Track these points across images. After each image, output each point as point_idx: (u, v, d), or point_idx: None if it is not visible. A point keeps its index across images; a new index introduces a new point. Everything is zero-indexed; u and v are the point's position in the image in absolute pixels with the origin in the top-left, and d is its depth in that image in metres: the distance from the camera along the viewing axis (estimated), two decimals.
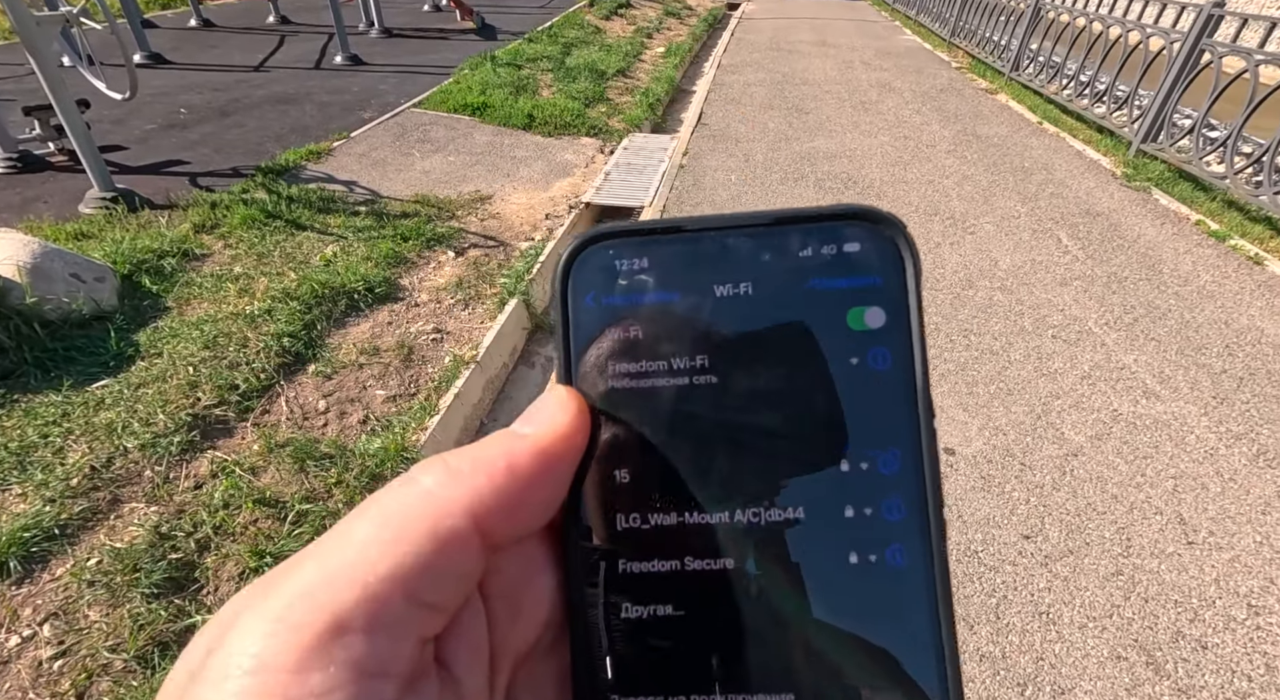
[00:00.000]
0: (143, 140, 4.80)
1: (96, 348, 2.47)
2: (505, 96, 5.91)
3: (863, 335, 0.24)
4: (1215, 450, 2.45)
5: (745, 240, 0.25)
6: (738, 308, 0.24)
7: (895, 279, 0.24)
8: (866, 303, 0.24)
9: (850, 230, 0.25)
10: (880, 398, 0.24)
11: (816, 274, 0.24)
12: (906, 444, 0.23)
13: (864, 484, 0.23)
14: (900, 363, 0.24)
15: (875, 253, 0.24)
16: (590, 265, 0.26)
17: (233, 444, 2.18)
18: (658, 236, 0.26)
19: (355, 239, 3.53)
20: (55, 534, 1.79)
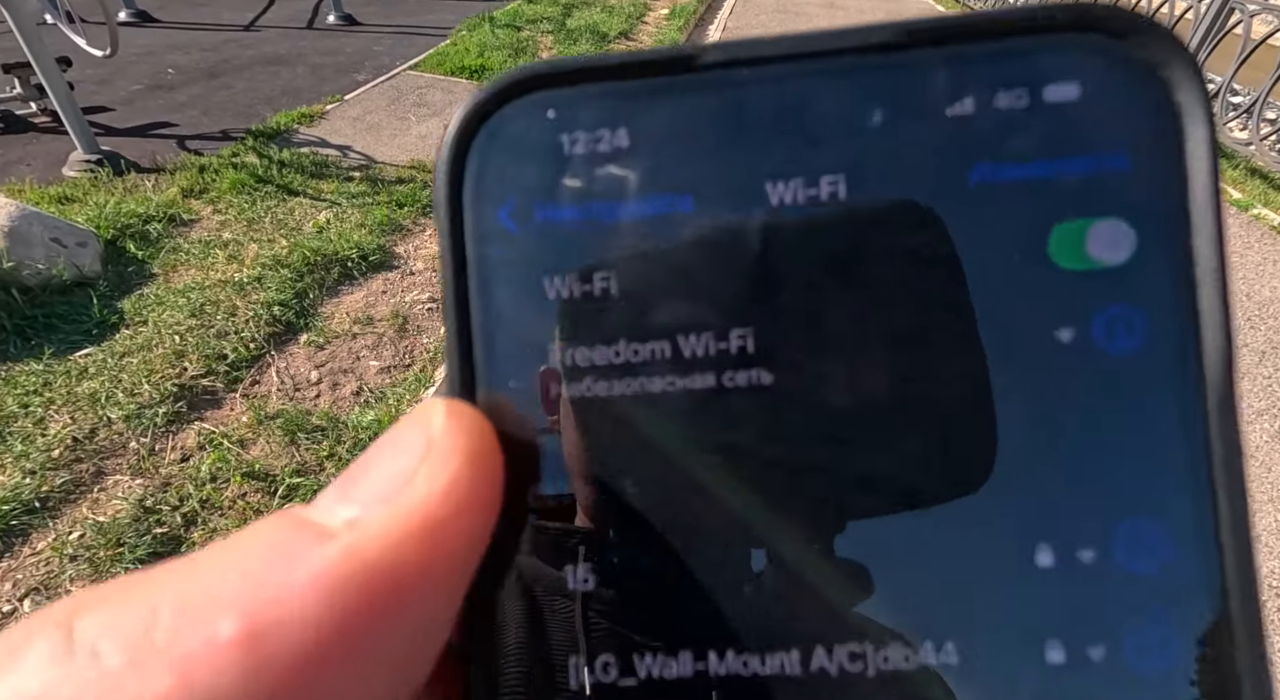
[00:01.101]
0: (129, 101, 4.65)
1: (79, 315, 2.39)
2: (504, 59, 5.72)
3: (1084, 280, 0.12)
4: None
5: (829, 87, 0.12)
6: (814, 231, 0.12)
7: (1162, 158, 0.12)
8: (1095, 212, 0.12)
9: (1061, 56, 0.12)
10: (1124, 410, 0.12)
11: (985, 153, 0.12)
12: (1181, 512, 0.12)
13: (1092, 591, 0.12)
14: (1166, 340, 0.12)
15: (1117, 103, 0.12)
16: (511, 143, 0.13)
17: (221, 415, 2.11)
18: (648, 79, 0.13)
19: (349, 205, 3.41)
20: (36, 507, 1.73)
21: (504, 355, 0.13)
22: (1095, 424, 0.12)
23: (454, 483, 0.11)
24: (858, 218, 0.12)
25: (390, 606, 0.10)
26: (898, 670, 0.12)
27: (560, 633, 0.13)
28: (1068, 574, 0.12)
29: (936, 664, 0.12)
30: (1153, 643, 0.12)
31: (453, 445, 0.12)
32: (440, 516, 0.11)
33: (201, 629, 0.09)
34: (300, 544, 0.10)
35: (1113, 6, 0.12)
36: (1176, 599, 0.12)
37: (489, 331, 0.13)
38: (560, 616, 0.13)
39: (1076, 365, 0.12)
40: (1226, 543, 0.12)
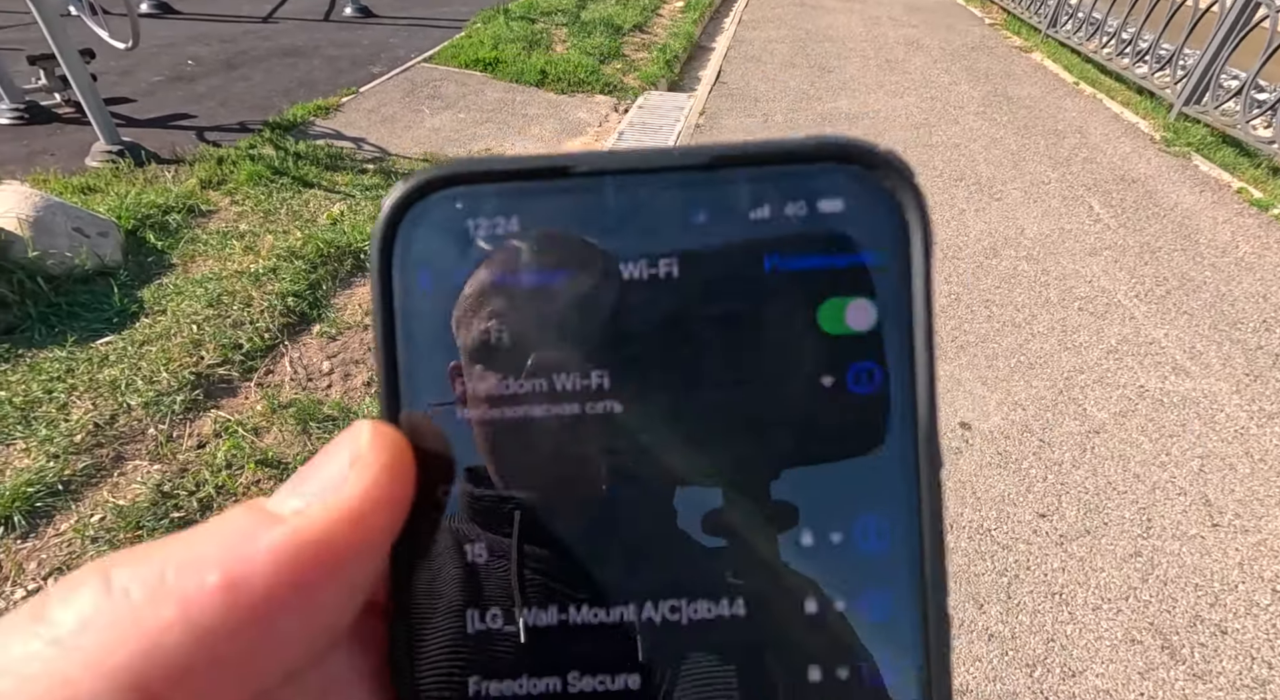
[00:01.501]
0: (150, 92, 4.72)
1: (100, 303, 2.45)
2: (518, 52, 5.73)
3: (841, 342, 0.16)
4: (1246, 429, 2.36)
5: (668, 193, 0.17)
6: (655, 298, 0.17)
7: (895, 257, 0.16)
8: (850, 292, 0.16)
9: (828, 180, 0.16)
10: (864, 436, 0.17)
11: (776, 247, 0.16)
12: (899, 508, 0.16)
13: (836, 566, 0.16)
14: (896, 385, 0.17)
15: (866, 215, 0.16)
16: (429, 226, 0.17)
17: (236, 404, 2.16)
18: (533, 181, 0.17)
19: (362, 197, 3.45)
20: (59, 489, 1.79)
21: (421, 386, 0.18)
22: (848, 442, 0.17)
23: (372, 485, 0.15)
24: (685, 290, 0.17)
25: (321, 571, 0.14)
26: (709, 617, 0.17)
27: (460, 593, 0.17)
28: (823, 550, 0.17)
29: (729, 614, 0.17)
30: (880, 602, 0.17)
31: (374, 458, 0.16)
32: (361, 510, 0.15)
33: (195, 578, 0.13)
34: (260, 524, 0.15)
35: (866, 145, 0.17)
36: (896, 569, 0.17)
37: (410, 369, 0.18)
38: (460, 582, 0.17)
39: (835, 401, 0.17)
40: (925, 528, 0.17)
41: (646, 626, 0.17)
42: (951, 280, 3.16)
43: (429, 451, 0.17)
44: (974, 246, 3.46)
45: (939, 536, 0.17)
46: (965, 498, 2.08)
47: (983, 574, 1.86)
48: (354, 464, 0.16)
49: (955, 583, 1.84)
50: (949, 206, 3.85)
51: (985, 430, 2.34)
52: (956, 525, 2.00)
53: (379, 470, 0.16)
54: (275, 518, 0.15)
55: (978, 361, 2.66)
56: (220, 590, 0.13)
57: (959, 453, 2.24)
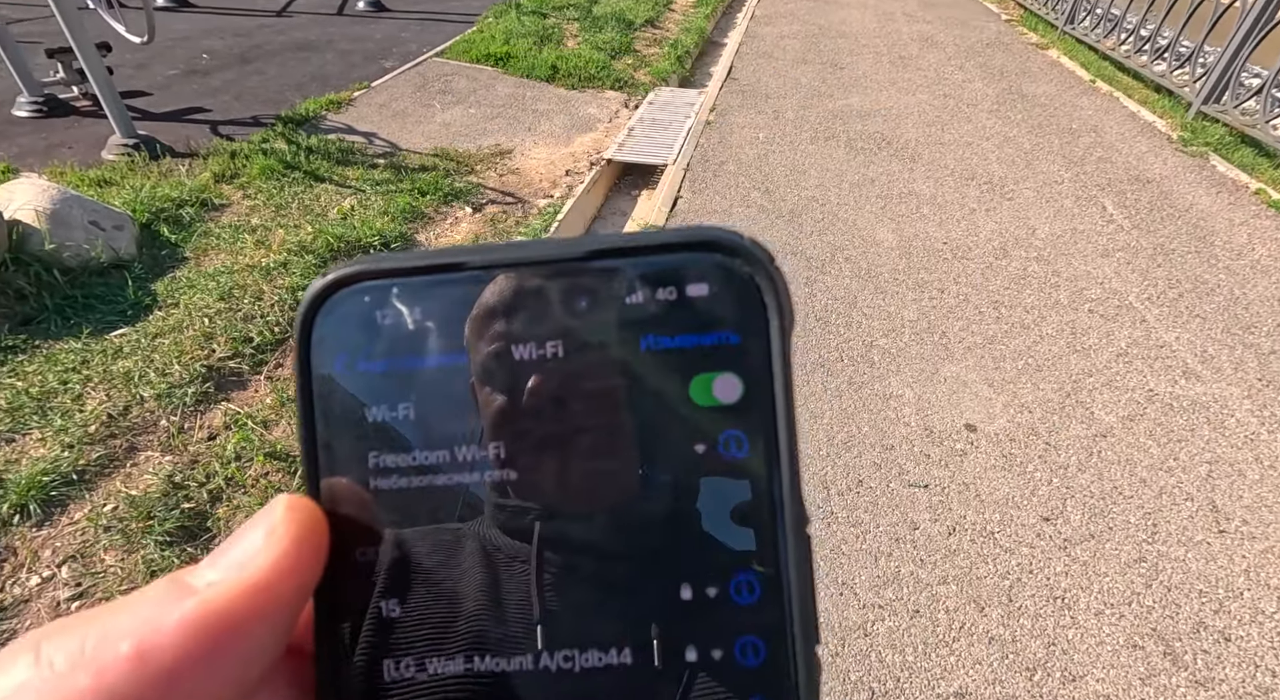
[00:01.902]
0: (165, 86, 4.76)
1: (115, 296, 2.49)
2: (529, 47, 5.73)
3: (712, 413, 0.18)
4: (1256, 435, 2.34)
5: (552, 282, 0.19)
6: (544, 376, 0.19)
7: (756, 335, 0.18)
8: (717, 368, 0.18)
9: (694, 267, 0.18)
10: (733, 497, 0.18)
11: (649, 329, 0.18)
12: (767, 561, 0.18)
13: (713, 617, 0.18)
14: (761, 450, 0.18)
15: (729, 298, 0.18)
16: (341, 317, 0.19)
17: (246, 397, 2.20)
18: (433, 275, 0.19)
19: (373, 192, 3.48)
20: (73, 479, 1.82)
21: (337, 457, 0.20)
22: (720, 500, 0.18)
23: (281, 556, 0.17)
24: (570, 369, 0.19)
25: (226, 637, 0.16)
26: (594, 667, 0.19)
27: (377, 642, 0.19)
28: (702, 604, 0.18)
29: (617, 662, 0.18)
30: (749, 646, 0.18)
31: (284, 532, 0.18)
32: (268, 580, 0.17)
33: (110, 648, 0.15)
34: (175, 597, 0.16)
35: (729, 234, 0.18)
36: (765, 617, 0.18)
37: (327, 442, 0.20)
38: (376, 633, 0.19)
39: (707, 466, 0.18)
40: (791, 576, 0.18)
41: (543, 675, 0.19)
42: (960, 281, 3.14)
43: (347, 517, 0.19)
44: (984, 247, 3.43)
45: (807, 586, 0.18)
46: (969, 500, 2.08)
47: (985, 577, 1.86)
48: (268, 536, 0.18)
49: (958, 584, 1.84)
50: (959, 206, 3.82)
51: (990, 432, 2.33)
52: (959, 527, 1.99)
53: (289, 542, 0.18)
54: (189, 589, 0.17)
55: (985, 363, 2.65)
56: (131, 659, 0.15)
57: (963, 455, 2.23)
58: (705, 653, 0.18)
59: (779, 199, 3.86)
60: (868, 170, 4.22)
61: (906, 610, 1.78)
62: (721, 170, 4.16)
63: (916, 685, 1.62)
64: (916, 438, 2.29)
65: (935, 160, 4.39)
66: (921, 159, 4.40)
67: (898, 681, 1.63)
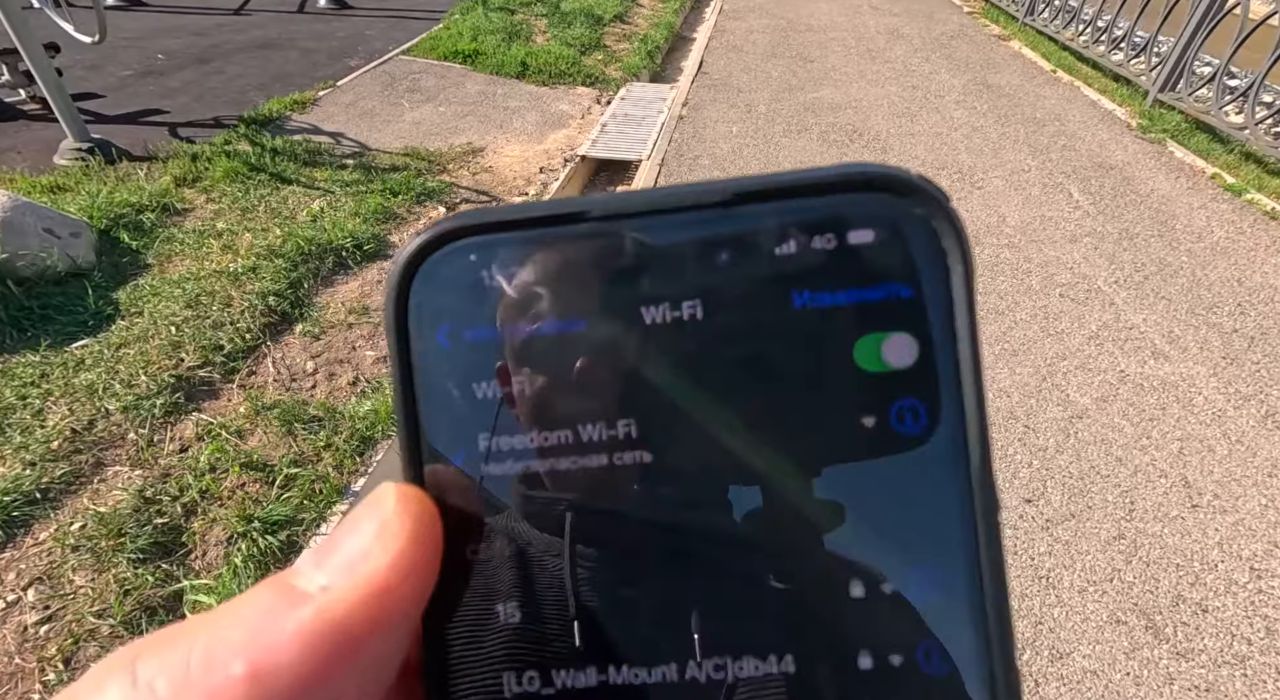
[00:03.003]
0: (119, 87, 4.60)
1: (74, 306, 2.39)
2: (498, 43, 5.66)
3: (881, 380, 0.16)
4: (1223, 412, 2.41)
5: (687, 232, 0.16)
6: (679, 342, 0.16)
7: (935, 287, 0.15)
8: (887, 327, 0.15)
9: (858, 210, 0.16)
10: (909, 479, 0.16)
11: (805, 283, 0.16)
12: (952, 555, 0.15)
13: (888, 618, 0.15)
14: (943, 423, 0.16)
15: (901, 246, 0.15)
16: (442, 281, 0.17)
17: (218, 406, 2.13)
18: (548, 228, 0.16)
19: (343, 193, 3.40)
20: (37, 498, 1.75)
21: (444, 444, 0.17)
22: (893, 486, 0.16)
23: (398, 557, 0.15)
24: (710, 333, 0.16)
25: (348, 651, 0.14)
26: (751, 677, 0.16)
27: (494, 653, 0.17)
28: (876, 603, 0.16)
29: (778, 672, 0.16)
30: (936, 655, 0.16)
31: (399, 526, 0.15)
32: (387, 583, 0.15)
33: (221, 669, 0.13)
34: (285, 605, 0.14)
35: (900, 172, 0.16)
36: (955, 624, 0.16)
37: (431, 424, 0.17)
38: (494, 642, 0.17)
39: (877, 443, 0.16)
40: (985, 575, 0.16)
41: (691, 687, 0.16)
42: None
43: (457, 509, 0.17)
44: None
45: (1002, 587, 0.15)
46: None
47: None
48: (379, 533, 0.15)
49: None
50: None
51: None
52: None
53: (405, 538, 0.15)
54: (301, 596, 0.14)
55: None
56: (245, 681, 0.13)
57: None
58: (882, 658, 0.16)
59: None
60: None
61: None
62: (696, 165, 4.16)
63: None
64: None
65: (906, 151, 4.44)
66: (893, 150, 4.45)
67: None
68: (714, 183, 0.16)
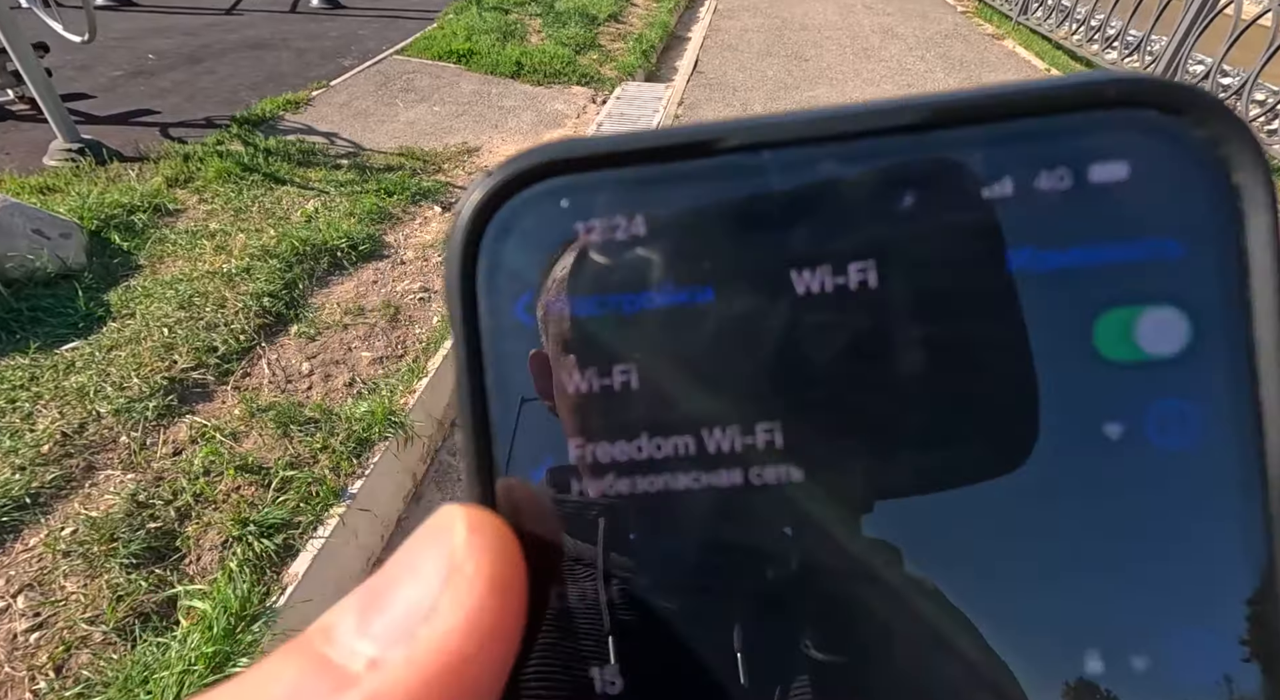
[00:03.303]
0: (110, 88, 4.56)
1: (64, 308, 2.35)
2: (492, 43, 5.64)
3: (1136, 371, 0.11)
4: None
5: (860, 169, 0.11)
6: (847, 320, 0.11)
7: (1216, 243, 0.11)
8: (1145, 299, 0.11)
9: (1106, 133, 0.11)
10: (1180, 510, 0.11)
11: (1025, 237, 0.11)
12: (1237, 623, 0.11)
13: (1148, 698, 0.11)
14: (1223, 437, 0.11)
15: (1168, 184, 0.11)
16: (523, 234, 0.12)
17: (212, 408, 2.10)
18: (663, 164, 0.12)
19: (337, 194, 3.37)
20: (26, 503, 1.72)
21: (524, 453, 0.13)
22: (1149, 524, 0.11)
23: (477, 614, 0.11)
24: (889, 308, 0.11)
25: None
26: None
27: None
28: (1122, 684, 0.12)
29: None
30: None
31: (475, 569, 0.11)
32: (462, 654, 0.10)
33: None
34: (322, 691, 0.10)
35: (1167, 81, 0.11)
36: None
37: (506, 426, 0.13)
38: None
39: (1128, 461, 0.11)
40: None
41: None
42: None
43: (542, 541, 0.13)
44: None
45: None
46: None
47: None
48: (449, 579, 0.11)
49: None
50: None
51: None
52: None
53: (484, 586, 0.11)
54: (343, 678, 0.10)
55: None
56: None
57: None
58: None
59: None
60: None
61: None
62: None
63: None
64: None
65: None
66: None
67: None
68: (903, 100, 0.12)
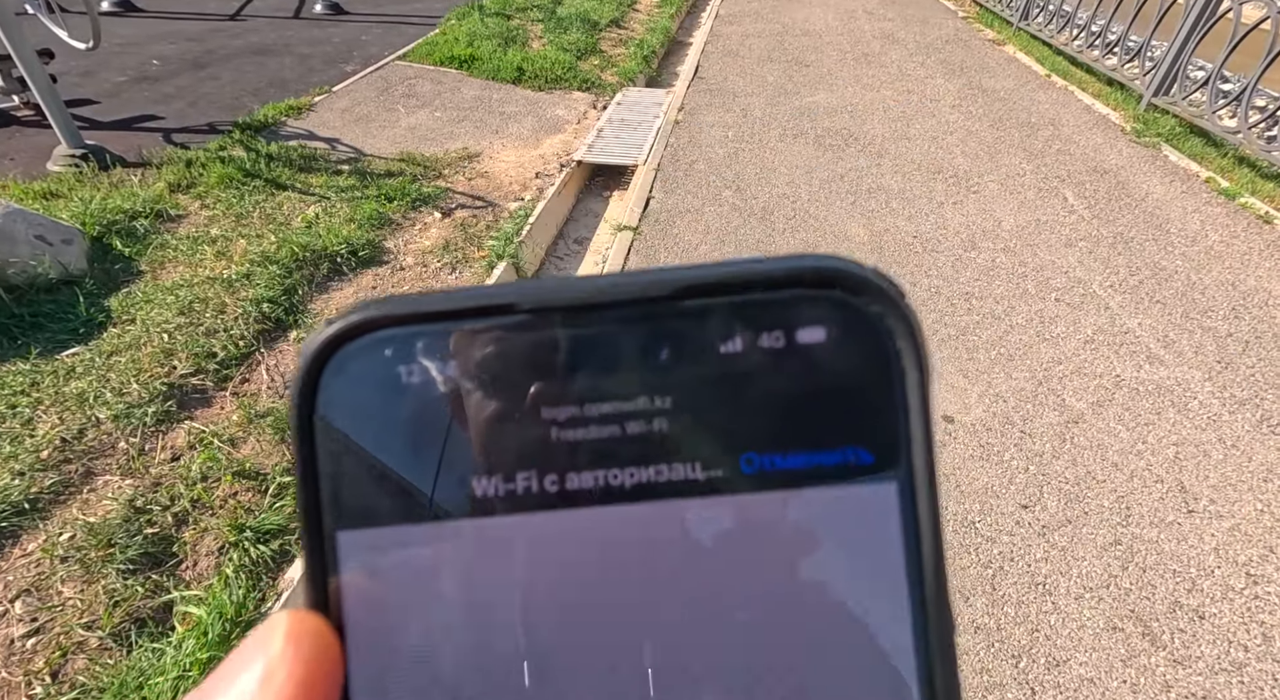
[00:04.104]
0: (113, 93, 4.59)
1: (65, 313, 2.37)
2: (494, 48, 5.67)
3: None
4: (1219, 416, 2.41)
5: (623, 329, 0.15)
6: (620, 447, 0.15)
7: (887, 388, 0.15)
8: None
9: (810, 308, 0.15)
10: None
11: (756, 387, 0.15)
12: (907, 664, 0.15)
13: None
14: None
15: (855, 350, 0.15)
16: (353, 376, 0.15)
17: (211, 414, 2.11)
18: (472, 320, 0.15)
19: (338, 199, 3.39)
20: (25, 508, 1.73)
21: (354, 553, 0.15)
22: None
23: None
24: (656, 443, 0.16)
25: None
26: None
27: None
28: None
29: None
30: None
31: (287, 675, 0.13)
32: None
33: None
34: None
35: (850, 267, 0.15)
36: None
37: (338, 534, 0.15)
38: None
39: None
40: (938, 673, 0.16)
41: None
42: (931, 273, 3.18)
43: (367, 627, 0.15)
44: (952, 239, 3.49)
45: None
46: (949, 491, 2.10)
47: (968, 567, 1.88)
48: (263, 684, 0.13)
49: None
50: (927, 199, 3.88)
51: (967, 423, 2.36)
52: (941, 518, 2.01)
53: (292, 690, 0.13)
54: None
55: (959, 354, 2.68)
56: None
57: (943, 446, 2.25)
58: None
59: (750, 197, 3.87)
60: (836, 166, 4.25)
61: None
62: (692, 170, 4.16)
63: None
64: None
65: (902, 155, 4.45)
66: (888, 154, 4.46)
67: None
68: (651, 274, 0.15)
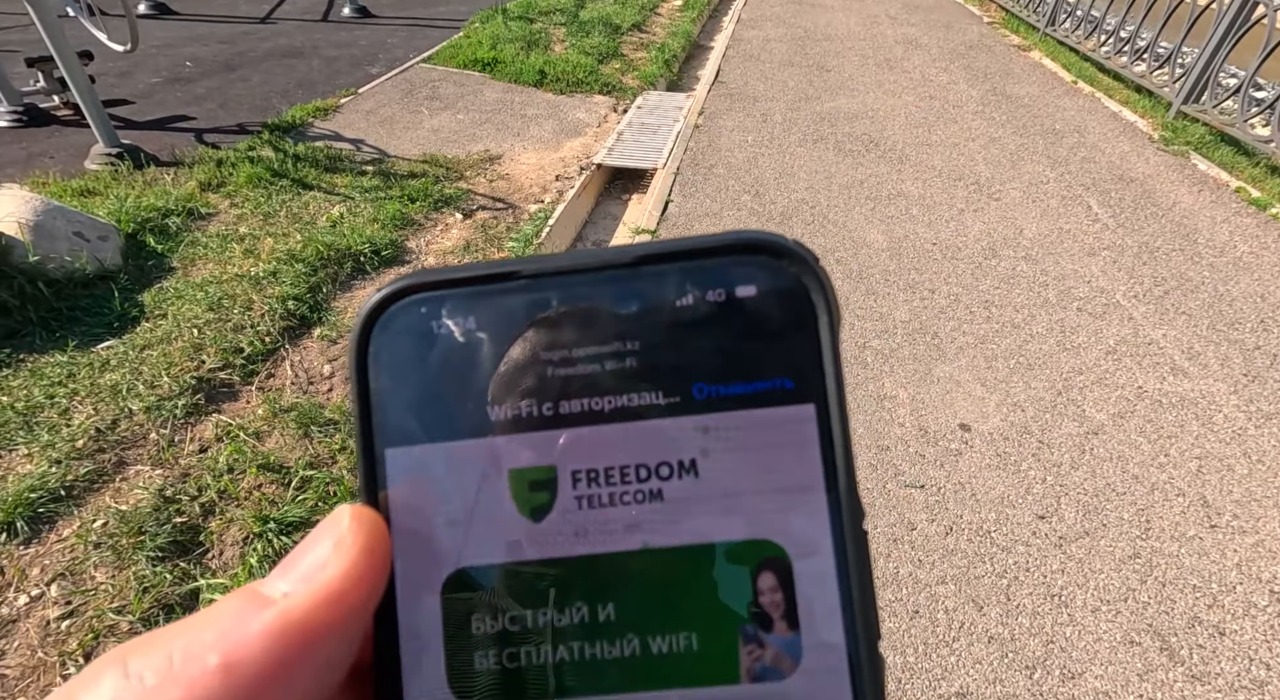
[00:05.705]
0: (148, 94, 4.71)
1: (100, 308, 2.45)
2: (516, 52, 5.73)
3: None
4: (1244, 430, 2.37)
5: (600, 288, 0.20)
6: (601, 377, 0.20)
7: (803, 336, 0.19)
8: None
9: (745, 269, 0.19)
10: None
11: (705, 337, 0.19)
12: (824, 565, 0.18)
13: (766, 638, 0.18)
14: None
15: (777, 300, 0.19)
16: (397, 329, 0.20)
17: (237, 408, 2.17)
18: (486, 285, 0.20)
19: (362, 200, 3.46)
20: (61, 495, 1.79)
21: (398, 466, 0.20)
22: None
23: (351, 565, 0.18)
24: (628, 376, 0.20)
25: (306, 647, 0.16)
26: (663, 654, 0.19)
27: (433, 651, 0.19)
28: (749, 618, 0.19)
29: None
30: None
31: (352, 540, 0.18)
32: (340, 589, 0.17)
33: (198, 662, 0.15)
34: (253, 609, 0.17)
35: (775, 238, 0.19)
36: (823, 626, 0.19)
37: (385, 449, 0.20)
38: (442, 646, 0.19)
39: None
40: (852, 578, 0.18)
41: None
42: (951, 281, 3.17)
43: (409, 528, 0.20)
44: (973, 247, 3.46)
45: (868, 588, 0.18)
46: (965, 500, 2.09)
47: (983, 576, 1.87)
48: (335, 547, 0.18)
49: (956, 584, 1.85)
50: (948, 206, 3.85)
51: (984, 432, 2.34)
52: (956, 527, 2.00)
53: (357, 551, 0.18)
54: (266, 601, 0.17)
55: (977, 363, 2.66)
56: (219, 672, 0.15)
57: (958, 455, 2.25)
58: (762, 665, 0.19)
59: (769, 202, 3.87)
60: (856, 172, 4.24)
61: (906, 611, 1.78)
62: (711, 174, 4.18)
63: (918, 686, 1.62)
64: (911, 438, 2.30)
65: (923, 161, 4.42)
66: (909, 160, 4.44)
67: (899, 683, 1.63)
68: (622, 248, 0.20)
